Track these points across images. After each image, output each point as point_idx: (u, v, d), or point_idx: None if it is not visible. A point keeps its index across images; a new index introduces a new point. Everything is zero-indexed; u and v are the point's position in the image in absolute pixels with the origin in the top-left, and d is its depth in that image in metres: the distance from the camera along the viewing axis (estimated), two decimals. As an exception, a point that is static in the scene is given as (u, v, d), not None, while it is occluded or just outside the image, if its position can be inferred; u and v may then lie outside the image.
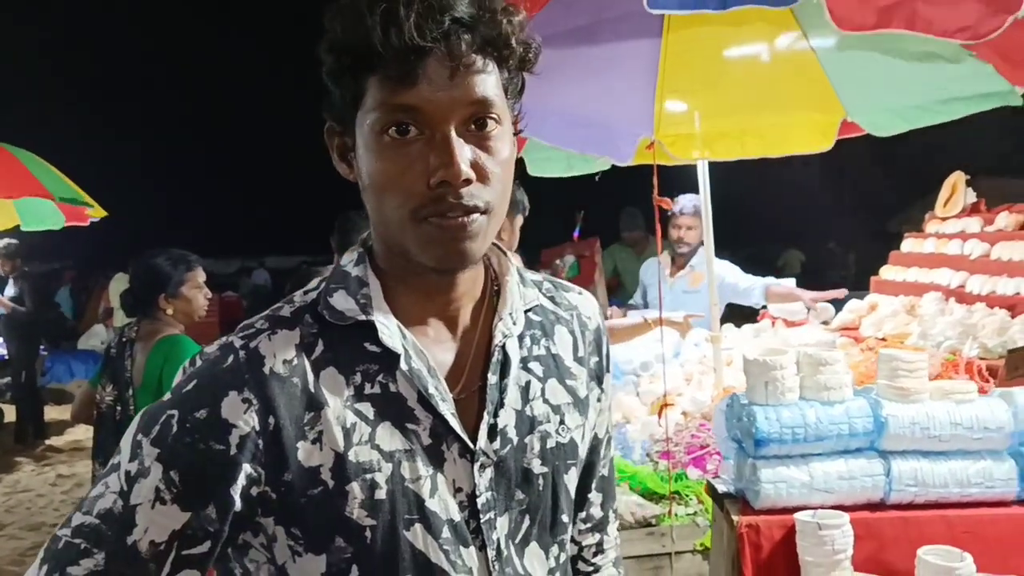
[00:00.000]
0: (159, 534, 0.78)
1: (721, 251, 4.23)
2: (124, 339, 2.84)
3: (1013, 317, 3.51)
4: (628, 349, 4.02)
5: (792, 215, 10.12)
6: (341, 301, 0.87)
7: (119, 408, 2.77)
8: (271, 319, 0.87)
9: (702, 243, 3.80)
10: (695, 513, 2.70)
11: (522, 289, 0.96)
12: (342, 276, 0.90)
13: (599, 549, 1.09)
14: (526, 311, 0.95)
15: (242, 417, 0.80)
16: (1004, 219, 4.17)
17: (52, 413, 7.95)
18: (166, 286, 2.84)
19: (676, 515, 2.74)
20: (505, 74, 0.85)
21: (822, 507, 1.76)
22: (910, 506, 1.80)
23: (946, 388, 1.82)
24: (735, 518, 1.79)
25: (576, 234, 9.10)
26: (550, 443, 0.92)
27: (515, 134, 0.90)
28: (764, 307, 4.39)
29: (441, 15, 0.78)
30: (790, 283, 4.38)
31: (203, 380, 0.82)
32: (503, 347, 0.91)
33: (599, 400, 1.01)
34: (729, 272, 4.35)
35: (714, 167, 3.44)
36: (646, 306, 4.62)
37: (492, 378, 0.89)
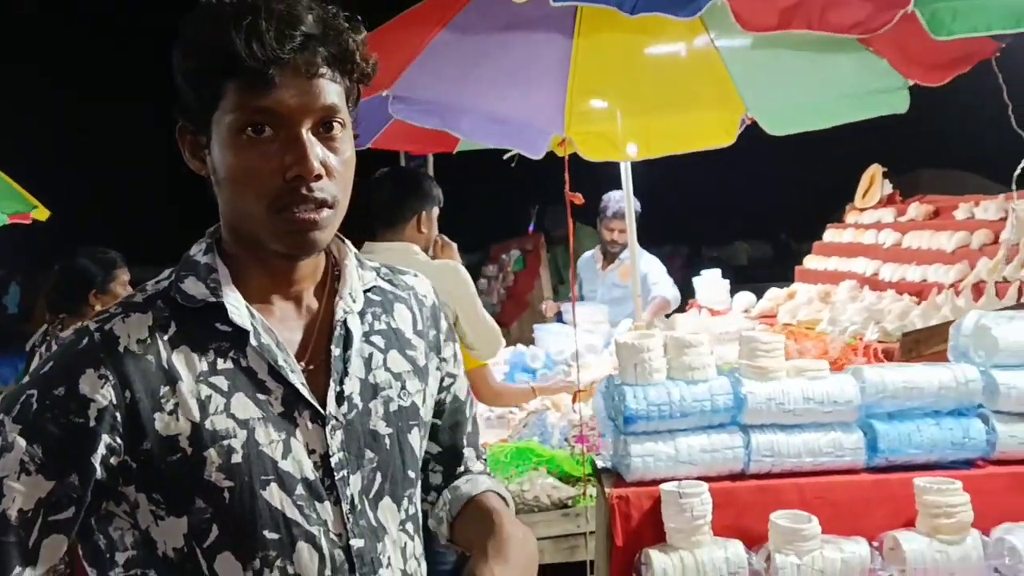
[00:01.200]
0: (26, 502, 0.86)
1: (668, 243, 4.40)
2: (49, 337, 2.91)
3: (919, 303, 3.70)
4: (560, 340, 4.17)
5: (743, 208, 10.35)
6: (192, 286, 0.96)
7: (44, 404, 2.84)
8: (124, 305, 0.96)
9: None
10: (607, 494, 2.84)
11: (360, 272, 1.06)
12: (191, 264, 0.98)
13: (466, 470, 1.19)
14: (366, 291, 1.06)
15: (99, 392, 0.88)
16: (915, 209, 4.38)
17: (1, 416, 7.89)
18: (94, 283, 2.93)
19: (590, 496, 2.87)
20: (347, 84, 0.96)
21: (687, 478, 1.89)
22: (768, 475, 1.94)
23: (801, 366, 1.97)
24: (607, 491, 1.93)
25: (531, 228, 9.22)
26: (392, 407, 1.03)
27: (354, 138, 1.01)
28: (692, 298, 4.59)
29: (294, 30, 0.89)
30: (715, 274, 4.53)
31: (60, 361, 0.91)
32: (344, 322, 1.01)
33: (438, 368, 1.13)
34: (653, 271, 4.52)
35: (659, 160, 3.55)
36: (582, 298, 4.78)
37: (336, 350, 0.99)
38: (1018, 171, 2.74)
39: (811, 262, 4.86)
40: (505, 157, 3.72)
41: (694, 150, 3.10)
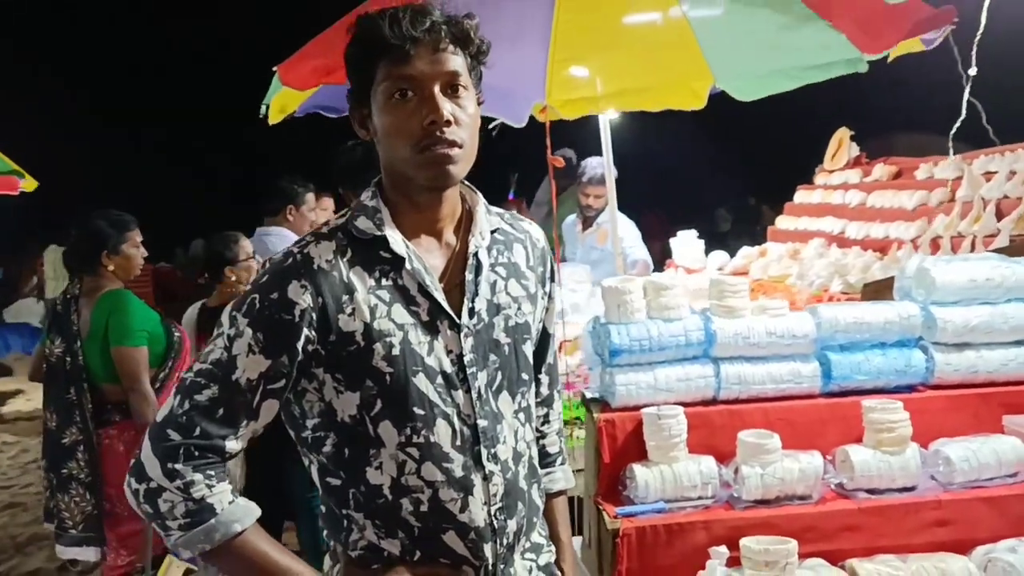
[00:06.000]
0: (252, 374, 1.18)
1: (653, 210, 4.53)
2: (69, 296, 3.08)
3: (882, 258, 3.97)
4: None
5: (721, 173, 10.59)
6: (362, 223, 1.26)
7: (68, 359, 3.02)
8: (316, 235, 1.27)
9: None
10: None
11: (488, 216, 1.36)
12: (362, 207, 1.29)
13: (546, 419, 1.53)
14: (492, 231, 1.35)
15: (301, 297, 1.19)
16: (880, 170, 4.64)
17: (-8, 385, 8.03)
18: (107, 244, 3.09)
19: (577, 438, 3.12)
20: (468, 60, 1.25)
21: (665, 403, 2.14)
22: (736, 401, 2.20)
23: (764, 305, 2.22)
24: (596, 416, 2.17)
25: (511, 196, 9.38)
26: (511, 322, 1.32)
27: (479, 104, 1.29)
28: (670, 258, 4.83)
29: (424, 17, 1.20)
30: (691, 234, 4.77)
31: (274, 274, 1.22)
32: (476, 254, 1.30)
33: (542, 299, 1.42)
34: (628, 235, 4.72)
35: (643, 129, 3.68)
36: (564, 260, 5.01)
37: (469, 276, 1.29)
38: (953, 130, 2.99)
39: (782, 222, 5.11)
40: (490, 127, 3.93)
41: (667, 107, 3.31)
